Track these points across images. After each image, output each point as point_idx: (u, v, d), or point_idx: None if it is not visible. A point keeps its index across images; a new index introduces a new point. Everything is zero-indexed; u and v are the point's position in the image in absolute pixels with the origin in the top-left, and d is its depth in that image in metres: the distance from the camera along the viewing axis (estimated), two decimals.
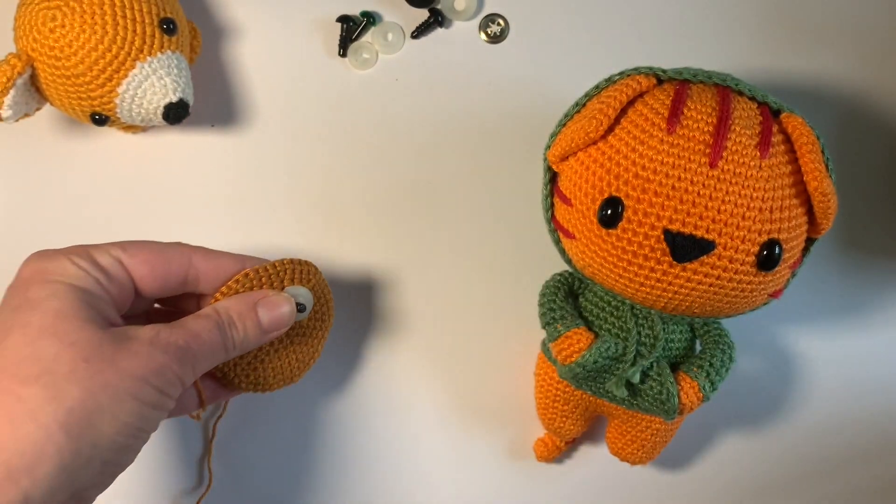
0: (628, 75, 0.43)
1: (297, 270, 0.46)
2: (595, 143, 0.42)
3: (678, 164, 0.39)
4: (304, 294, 0.45)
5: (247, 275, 0.44)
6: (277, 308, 0.43)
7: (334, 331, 0.52)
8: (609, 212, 0.40)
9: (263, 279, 0.44)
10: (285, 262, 0.45)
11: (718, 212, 0.39)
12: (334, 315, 0.49)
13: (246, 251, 0.48)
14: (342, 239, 0.53)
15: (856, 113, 0.52)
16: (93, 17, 0.45)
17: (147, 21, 0.47)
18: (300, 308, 0.45)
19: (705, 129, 0.40)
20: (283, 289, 0.45)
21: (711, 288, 0.41)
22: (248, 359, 0.45)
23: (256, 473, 0.53)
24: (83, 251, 0.40)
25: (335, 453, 0.53)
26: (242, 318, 0.41)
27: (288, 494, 0.53)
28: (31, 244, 0.52)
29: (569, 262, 0.46)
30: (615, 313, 0.45)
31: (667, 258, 0.40)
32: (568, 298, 0.46)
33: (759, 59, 0.52)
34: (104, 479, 0.36)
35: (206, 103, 0.52)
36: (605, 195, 0.40)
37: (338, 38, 0.53)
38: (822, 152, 0.41)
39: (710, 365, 0.44)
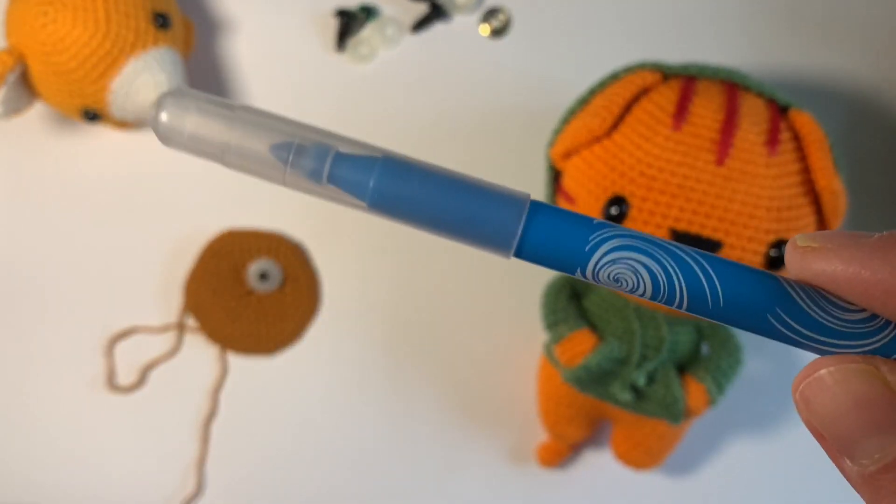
0: (633, 71, 0.43)
1: (274, 243, 0.51)
2: (599, 140, 0.41)
3: (684, 161, 0.39)
4: (269, 266, 0.51)
5: (230, 233, 0.51)
6: None
7: (334, 331, 0.52)
8: (614, 210, 0.40)
9: (243, 242, 0.51)
10: (265, 233, 0.51)
11: (725, 210, 0.39)
12: (320, 303, 0.52)
13: None
14: (341, 237, 0.52)
15: (865, 110, 0.52)
16: (85, 13, 0.45)
17: (140, 16, 0.46)
18: (262, 276, 0.51)
19: (712, 125, 0.39)
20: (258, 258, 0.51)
21: None
22: (220, 315, 0.51)
23: (253, 475, 0.53)
24: None
25: (334, 456, 0.53)
26: None
27: (286, 497, 0.53)
28: (22, 243, 0.52)
29: None
30: (619, 315, 0.44)
31: None
32: (571, 300, 0.46)
33: (767, 55, 0.52)
34: None
35: None
36: (610, 193, 0.40)
37: (335, 32, 0.52)
38: (831, 150, 0.41)
39: (718, 368, 0.44)
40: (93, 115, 0.48)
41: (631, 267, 0.19)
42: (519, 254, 0.19)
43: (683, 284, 0.19)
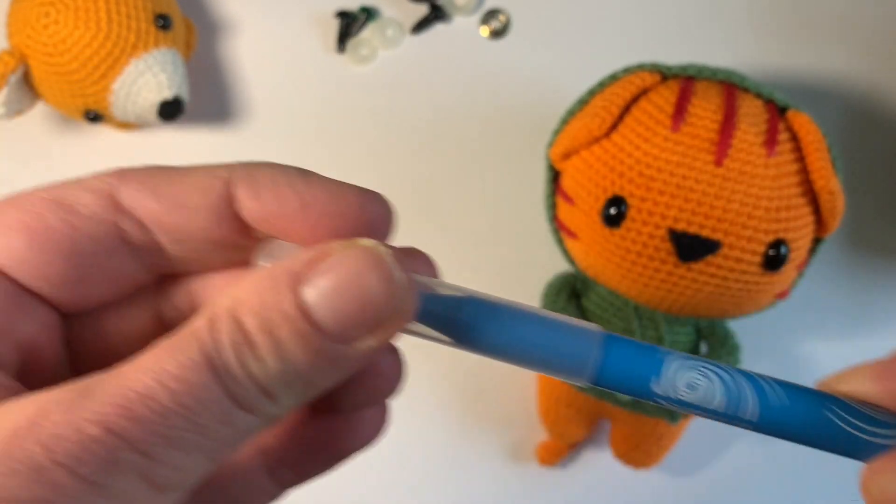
0: (632, 72, 0.42)
1: None
2: (598, 140, 0.41)
3: (683, 162, 0.39)
4: None
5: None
6: (357, 281, 0.19)
7: None
8: (613, 211, 0.40)
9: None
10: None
11: (724, 211, 0.38)
12: None
13: None
14: None
15: (863, 111, 0.52)
16: (87, 14, 0.45)
17: (142, 17, 0.46)
18: None
19: (710, 126, 0.39)
20: None
21: (717, 288, 0.40)
22: None
23: None
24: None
25: None
26: (270, 327, 0.18)
27: (286, 495, 0.53)
28: None
29: (571, 262, 0.46)
30: (619, 314, 0.44)
31: (672, 258, 0.39)
32: (571, 299, 0.46)
33: (765, 56, 0.52)
34: None
35: (202, 100, 0.52)
36: (609, 194, 0.40)
37: (336, 33, 0.52)
38: (829, 150, 0.41)
39: None
40: (94, 116, 0.47)
41: (701, 380, 0.21)
42: (597, 382, 0.21)
43: (739, 413, 0.21)
